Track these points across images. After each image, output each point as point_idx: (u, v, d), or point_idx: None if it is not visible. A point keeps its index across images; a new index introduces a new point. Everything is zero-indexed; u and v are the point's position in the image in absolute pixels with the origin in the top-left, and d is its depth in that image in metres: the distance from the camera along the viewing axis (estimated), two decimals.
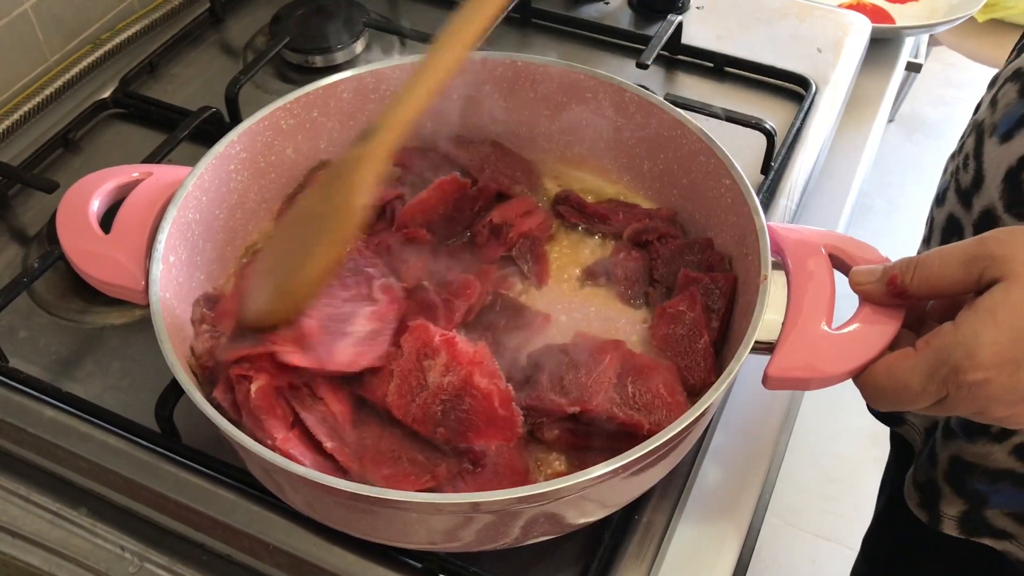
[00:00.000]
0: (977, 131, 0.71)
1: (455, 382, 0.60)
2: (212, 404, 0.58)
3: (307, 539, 0.63)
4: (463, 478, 0.59)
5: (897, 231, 2.34)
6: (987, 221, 0.67)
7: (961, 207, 0.71)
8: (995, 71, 0.75)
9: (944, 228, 0.74)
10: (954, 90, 2.75)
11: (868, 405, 0.59)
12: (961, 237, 0.71)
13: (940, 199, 0.76)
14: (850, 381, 0.58)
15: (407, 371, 0.61)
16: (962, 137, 0.75)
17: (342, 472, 0.59)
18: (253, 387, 0.59)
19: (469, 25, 0.63)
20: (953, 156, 0.76)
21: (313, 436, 0.59)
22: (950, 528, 0.74)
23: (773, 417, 0.74)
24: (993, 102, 0.70)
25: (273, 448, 0.56)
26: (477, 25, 0.63)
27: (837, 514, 1.83)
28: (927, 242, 0.79)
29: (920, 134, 2.65)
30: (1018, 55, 0.71)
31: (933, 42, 2.09)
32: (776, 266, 0.62)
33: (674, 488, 0.67)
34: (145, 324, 0.76)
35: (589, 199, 0.78)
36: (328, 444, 0.59)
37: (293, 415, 0.60)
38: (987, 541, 0.73)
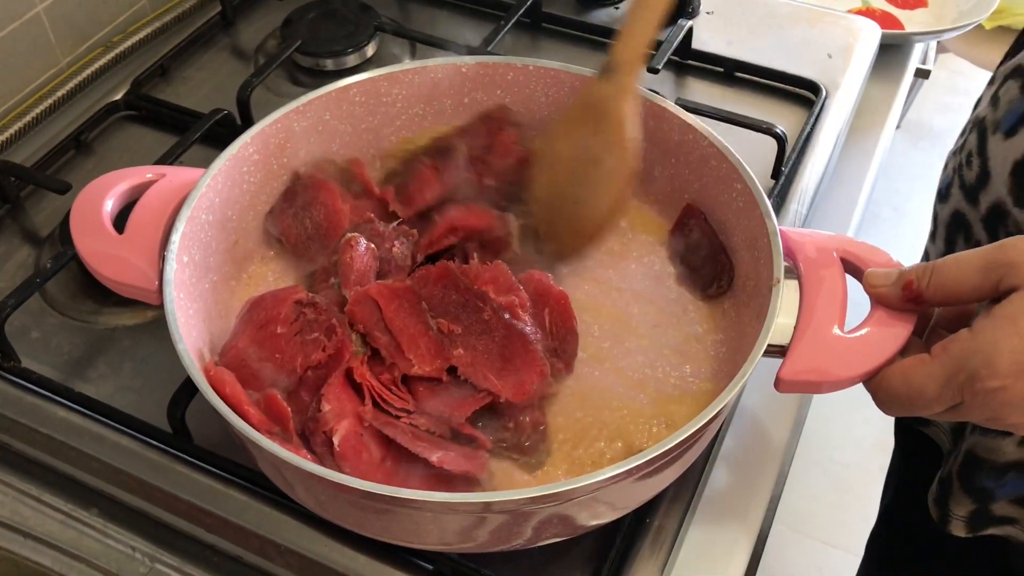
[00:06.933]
0: (979, 128, 0.71)
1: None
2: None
3: (318, 540, 0.63)
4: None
5: (904, 239, 2.33)
6: (996, 216, 0.67)
7: (967, 204, 0.71)
8: None
9: (948, 224, 0.74)
10: (960, 97, 2.73)
11: (880, 409, 0.59)
12: (968, 233, 0.71)
13: (943, 195, 0.76)
14: (857, 389, 0.58)
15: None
16: (962, 135, 0.75)
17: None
18: (336, 438, 0.59)
19: None
20: (954, 153, 0.76)
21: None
22: (958, 529, 0.74)
23: (784, 421, 0.74)
24: (994, 99, 0.70)
25: None
26: None
27: (843, 521, 1.83)
28: (932, 237, 0.79)
29: (926, 141, 2.64)
30: (1017, 52, 0.71)
31: (940, 49, 2.08)
32: (788, 270, 0.63)
33: (685, 491, 0.67)
34: (156, 325, 0.77)
35: None
36: (434, 458, 0.58)
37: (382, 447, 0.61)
38: (991, 531, 0.73)
